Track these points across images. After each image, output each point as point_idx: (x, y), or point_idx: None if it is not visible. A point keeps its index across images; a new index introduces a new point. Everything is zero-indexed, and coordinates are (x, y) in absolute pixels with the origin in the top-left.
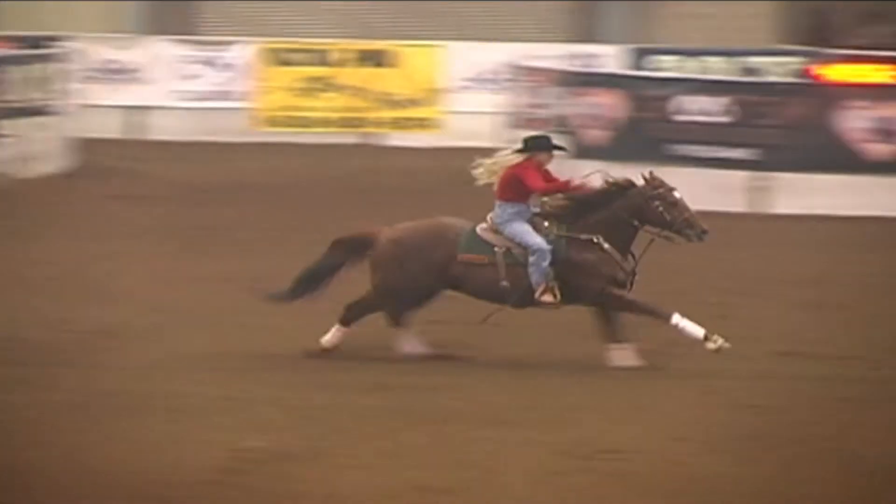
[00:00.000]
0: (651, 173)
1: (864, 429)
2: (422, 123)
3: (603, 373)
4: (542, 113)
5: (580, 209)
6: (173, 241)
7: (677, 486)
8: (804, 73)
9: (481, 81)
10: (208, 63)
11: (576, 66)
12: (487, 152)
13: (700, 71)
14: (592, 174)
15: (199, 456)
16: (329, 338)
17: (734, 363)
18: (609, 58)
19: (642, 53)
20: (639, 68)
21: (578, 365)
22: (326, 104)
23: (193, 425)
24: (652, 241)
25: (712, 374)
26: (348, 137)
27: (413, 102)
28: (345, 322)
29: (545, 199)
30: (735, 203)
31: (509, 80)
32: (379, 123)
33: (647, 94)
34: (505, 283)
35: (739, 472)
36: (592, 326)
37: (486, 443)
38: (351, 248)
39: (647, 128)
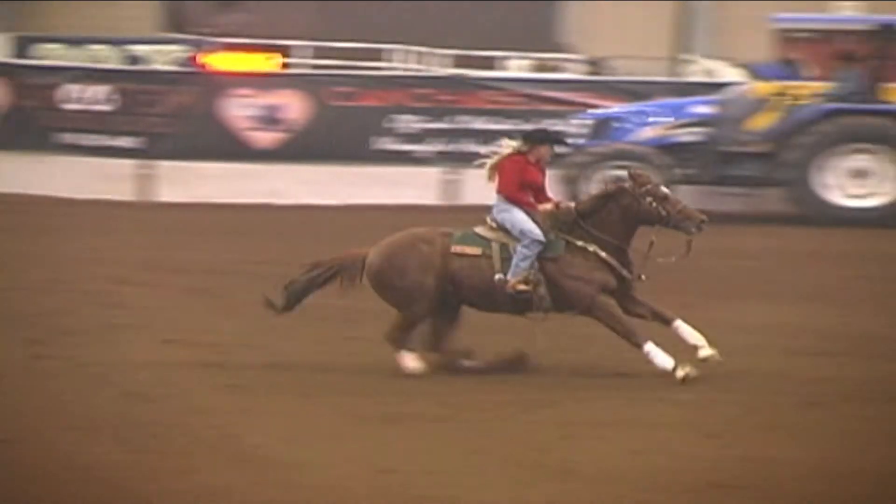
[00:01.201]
0: (635, 170)
1: (251, 416)
2: None
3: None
4: None
5: (578, 218)
6: None
7: (66, 476)
8: (189, 62)
9: None
10: None
11: None
12: None
13: (85, 59)
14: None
15: None
16: (410, 366)
17: (125, 351)
18: None
19: (27, 42)
20: (23, 56)
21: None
22: None
23: None
24: (652, 243)
25: (103, 362)
26: None
27: None
28: (399, 346)
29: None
30: (122, 191)
31: None
32: None
33: (30, 83)
34: (500, 276)
35: (122, 459)
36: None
37: None
38: (337, 272)
39: (32, 116)
